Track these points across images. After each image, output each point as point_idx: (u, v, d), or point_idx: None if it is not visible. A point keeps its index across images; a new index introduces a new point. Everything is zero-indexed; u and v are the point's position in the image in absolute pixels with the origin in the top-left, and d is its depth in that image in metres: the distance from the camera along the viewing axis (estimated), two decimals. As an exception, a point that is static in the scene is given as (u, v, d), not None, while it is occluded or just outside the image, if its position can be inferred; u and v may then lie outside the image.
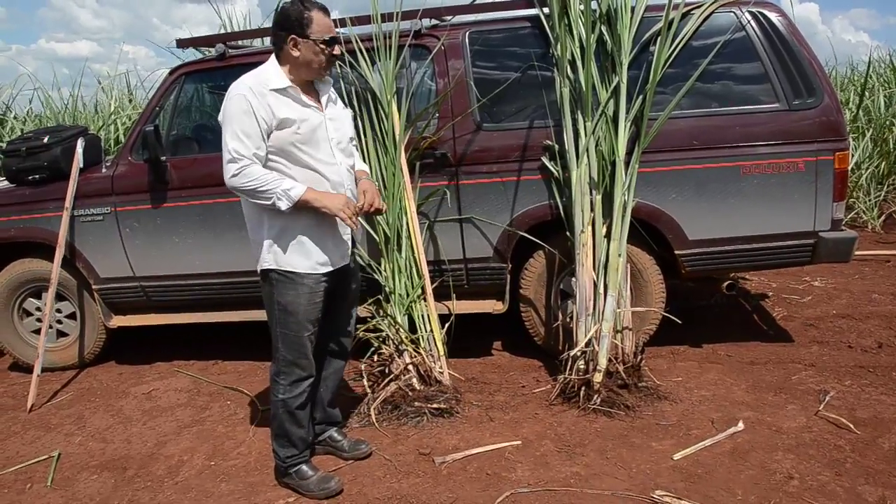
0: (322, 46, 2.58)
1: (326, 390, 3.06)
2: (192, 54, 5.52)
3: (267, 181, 2.50)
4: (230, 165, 2.51)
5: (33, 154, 4.21)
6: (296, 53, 2.58)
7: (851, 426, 3.05)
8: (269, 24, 3.56)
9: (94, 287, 4.27)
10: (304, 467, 2.85)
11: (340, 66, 3.86)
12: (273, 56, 2.66)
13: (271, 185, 2.50)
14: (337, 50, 2.65)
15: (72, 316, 4.46)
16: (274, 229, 2.63)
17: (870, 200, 7.24)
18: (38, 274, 4.30)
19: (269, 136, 2.54)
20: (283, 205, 2.51)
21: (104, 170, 4.20)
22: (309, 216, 2.61)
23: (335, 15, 3.09)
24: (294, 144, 2.56)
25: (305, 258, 2.65)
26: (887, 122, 8.04)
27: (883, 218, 7.11)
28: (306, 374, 2.77)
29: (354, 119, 3.80)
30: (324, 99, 2.72)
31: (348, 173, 2.76)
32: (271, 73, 2.60)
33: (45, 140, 4.22)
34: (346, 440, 3.13)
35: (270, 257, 2.65)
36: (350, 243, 2.83)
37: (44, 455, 3.35)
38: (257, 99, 2.51)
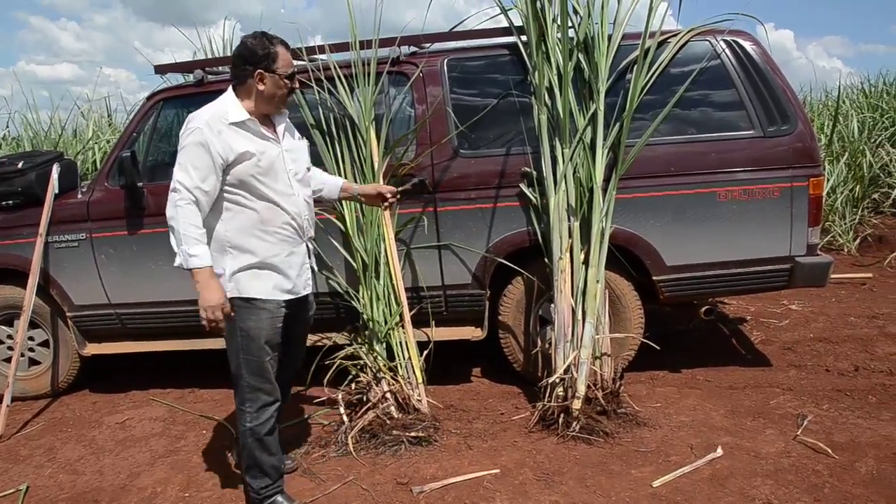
0: (286, 81, 2.65)
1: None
2: (176, 78, 5.52)
3: (185, 231, 2.48)
4: (172, 194, 2.52)
5: (7, 179, 4.16)
6: (261, 87, 2.62)
7: (829, 451, 3.06)
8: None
9: (68, 314, 4.21)
10: (280, 498, 2.81)
11: (319, 92, 3.87)
12: (231, 88, 2.68)
13: (186, 237, 2.49)
14: (296, 83, 2.72)
15: (45, 344, 4.38)
16: (235, 257, 2.63)
17: (845, 224, 7.33)
18: (10, 301, 4.24)
19: (226, 171, 2.56)
20: (177, 261, 2.53)
21: (80, 195, 4.16)
22: (272, 242, 2.66)
23: (316, 41, 3.11)
24: (254, 177, 2.58)
25: (267, 284, 2.67)
26: (861, 147, 8.17)
27: (858, 241, 7.19)
28: (272, 398, 2.75)
29: (333, 145, 3.82)
30: (280, 130, 2.75)
31: (305, 203, 2.79)
32: (229, 106, 2.62)
33: (20, 165, 4.17)
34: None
35: (231, 285, 2.63)
36: (310, 272, 2.88)
37: (11, 489, 3.27)
38: (214, 134, 2.52)
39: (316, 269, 2.99)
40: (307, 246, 2.84)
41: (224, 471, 3.29)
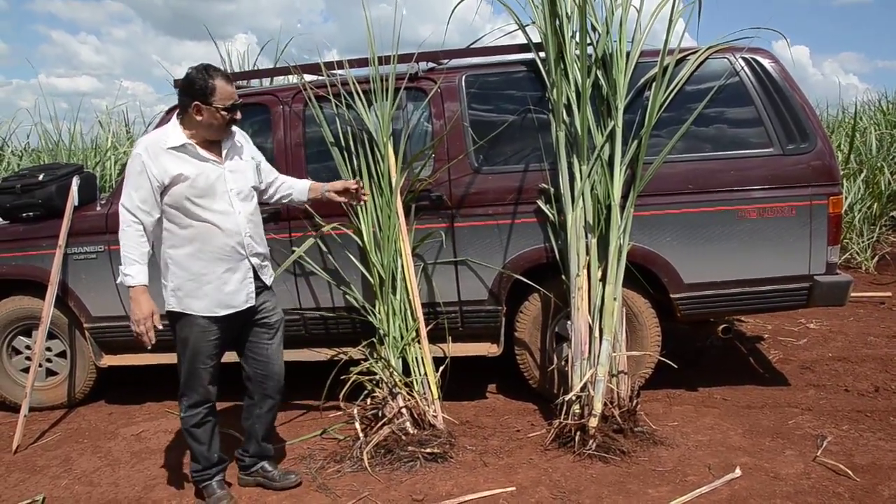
0: (223, 113, 2.79)
1: (261, 426, 3.20)
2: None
3: (125, 251, 2.76)
4: (120, 215, 2.78)
5: (28, 191, 4.21)
6: (199, 118, 2.78)
7: (850, 473, 3.01)
8: (267, 63, 3.62)
9: (85, 326, 4.23)
10: (213, 484, 3.08)
11: (337, 106, 3.89)
12: (176, 115, 2.88)
13: (125, 257, 2.76)
14: (238, 115, 2.87)
15: (62, 355, 4.41)
16: (175, 273, 2.86)
17: (863, 242, 7.27)
18: (28, 312, 4.27)
19: (164, 192, 2.76)
20: (118, 278, 2.81)
21: (99, 208, 4.19)
22: (208, 261, 2.84)
23: (332, 55, 3.15)
24: (188, 198, 2.77)
25: (200, 301, 2.86)
26: (879, 165, 8.12)
27: (876, 259, 7.13)
28: (202, 399, 2.99)
29: (351, 160, 3.84)
30: (225, 151, 2.90)
31: (247, 220, 2.93)
32: (170, 132, 2.81)
33: (41, 177, 4.22)
34: (277, 471, 3.26)
35: (173, 299, 2.88)
36: (254, 286, 2.99)
37: (27, 499, 3.28)
38: (150, 158, 2.74)
39: (268, 283, 3.11)
40: (250, 261, 2.96)
41: (238, 484, 3.28)
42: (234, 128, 2.95)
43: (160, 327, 2.83)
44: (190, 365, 2.93)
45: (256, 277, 3.00)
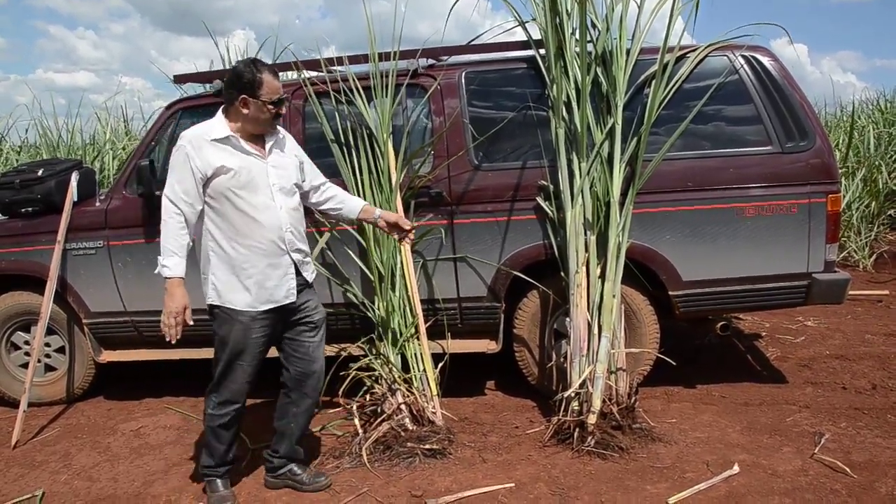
0: (270, 107, 2.79)
1: (297, 426, 3.13)
2: (193, 88, 5.56)
3: (165, 243, 2.75)
4: (163, 206, 2.77)
5: (27, 186, 4.20)
6: (245, 111, 2.78)
7: (847, 470, 3.02)
8: (265, 59, 3.59)
9: (84, 321, 4.23)
10: (218, 482, 3.05)
11: (337, 103, 3.89)
12: (222, 108, 2.86)
13: (164, 248, 2.75)
14: (283, 109, 2.88)
15: (61, 350, 4.41)
16: (216, 266, 2.84)
17: (861, 240, 7.29)
18: (27, 307, 4.27)
19: (206, 184, 2.76)
20: (156, 269, 2.77)
21: (98, 203, 4.19)
22: (250, 254, 2.81)
23: (331, 52, 3.15)
24: (230, 189, 2.75)
25: (243, 295, 2.83)
26: (877, 163, 8.13)
27: (874, 257, 7.15)
28: (234, 399, 2.95)
29: (351, 157, 3.83)
30: (268, 146, 2.89)
31: (288, 216, 2.90)
32: (215, 124, 2.81)
33: (40, 173, 4.21)
34: (306, 474, 3.18)
35: (213, 293, 2.86)
36: (295, 281, 2.94)
37: (27, 494, 3.28)
38: (194, 150, 2.73)
39: (310, 280, 3.07)
40: (291, 257, 2.92)
41: (237, 480, 3.29)
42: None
43: (191, 323, 2.79)
44: (227, 362, 2.88)
45: (298, 274, 2.96)
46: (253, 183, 2.79)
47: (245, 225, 2.79)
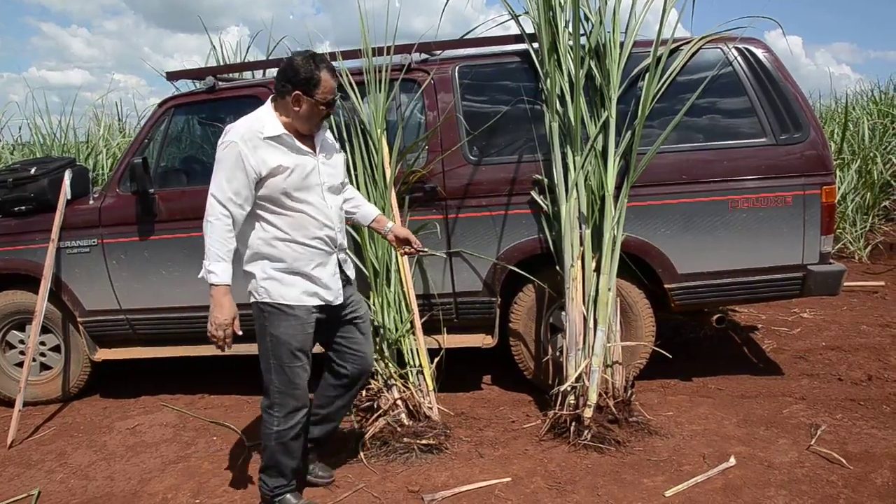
0: (323, 107, 2.66)
1: (338, 418, 3.12)
2: (185, 85, 5.54)
3: (211, 246, 2.57)
4: (209, 205, 2.59)
5: (20, 185, 4.18)
6: (297, 108, 2.63)
7: (843, 461, 3.03)
8: (259, 54, 3.60)
9: (79, 320, 4.22)
10: (290, 497, 2.86)
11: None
12: (270, 101, 2.71)
13: (210, 252, 2.57)
14: (334, 108, 2.74)
15: (56, 349, 4.40)
16: (266, 264, 2.68)
17: (856, 231, 7.29)
18: (22, 306, 4.25)
19: (259, 184, 2.60)
20: (201, 273, 2.61)
21: (91, 201, 4.17)
22: (301, 253, 2.68)
23: (325, 47, 3.13)
24: (286, 190, 2.62)
25: (296, 290, 2.69)
26: (871, 154, 8.13)
27: (869, 249, 7.15)
28: (300, 404, 2.78)
29: (345, 151, 3.81)
30: (318, 144, 2.76)
31: (337, 213, 2.82)
32: (266, 120, 2.64)
33: (33, 171, 4.19)
34: (317, 466, 3.18)
35: (262, 290, 2.69)
36: (341, 282, 2.85)
37: (23, 493, 3.28)
38: (249, 149, 2.56)
39: (351, 276, 2.99)
40: (338, 258, 2.84)
41: (234, 477, 3.29)
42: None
43: (240, 333, 2.64)
44: (285, 366, 2.71)
45: (341, 271, 2.88)
46: (306, 182, 2.67)
47: (297, 224, 2.67)
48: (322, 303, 2.75)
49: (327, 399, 3.05)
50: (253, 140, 2.58)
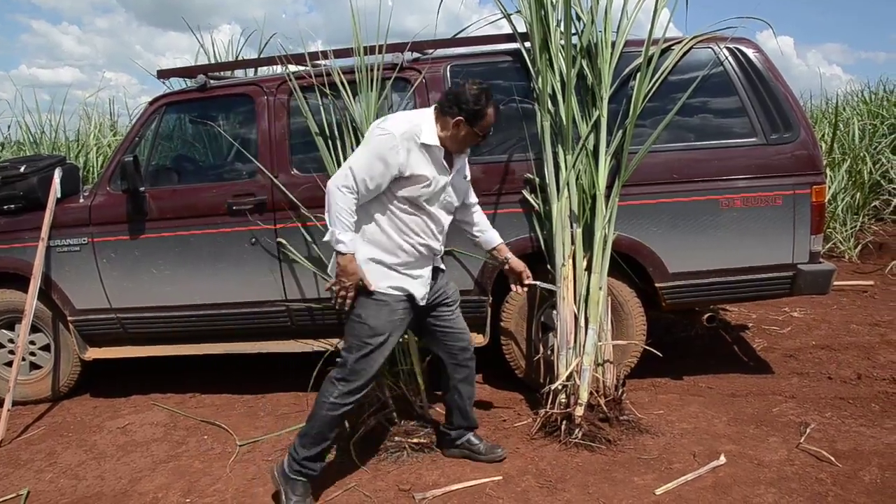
0: (479, 137, 2.85)
1: (461, 398, 3.23)
2: (178, 83, 5.52)
3: (339, 216, 2.69)
4: (343, 175, 2.70)
5: (9, 183, 4.16)
6: (455, 131, 2.78)
7: (832, 459, 3.05)
8: (251, 53, 3.58)
9: (69, 319, 4.20)
10: (302, 486, 2.91)
11: (322, 96, 3.87)
12: (434, 108, 2.85)
13: (339, 221, 2.70)
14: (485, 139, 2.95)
15: (46, 348, 4.38)
16: (371, 251, 2.83)
17: (846, 231, 7.33)
18: (11, 305, 4.23)
19: (396, 181, 2.75)
20: (327, 237, 2.76)
21: (82, 200, 4.15)
22: (409, 252, 2.85)
23: (317, 46, 3.12)
24: (414, 197, 2.79)
25: (392, 281, 2.85)
26: (861, 154, 8.17)
27: (859, 248, 7.19)
28: (364, 386, 2.89)
29: (337, 151, 3.82)
30: (456, 165, 2.92)
31: (444, 230, 2.99)
32: (425, 126, 2.78)
33: (22, 169, 4.17)
34: (483, 444, 3.29)
35: (370, 278, 2.82)
36: (429, 288, 3.00)
37: (11, 493, 3.26)
38: (403, 147, 2.70)
39: (443, 268, 3.14)
40: (433, 264, 3.01)
41: (225, 477, 3.28)
42: None
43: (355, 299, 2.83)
44: (367, 348, 2.83)
45: (433, 269, 3.05)
46: (434, 196, 2.83)
47: (415, 226, 2.83)
48: (411, 293, 2.88)
49: (444, 384, 3.25)
50: (410, 141, 2.72)
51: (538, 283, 3.45)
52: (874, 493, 2.79)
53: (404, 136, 2.70)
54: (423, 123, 2.77)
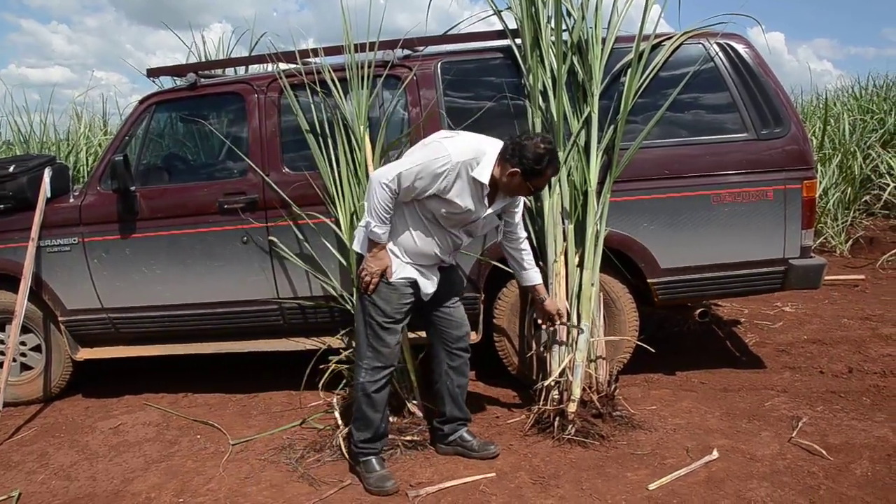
0: (530, 192, 2.94)
1: (452, 384, 3.28)
2: (170, 82, 5.49)
3: (378, 210, 2.81)
4: (389, 171, 2.80)
5: (-1, 183, 4.13)
6: (508, 179, 2.84)
7: (824, 452, 3.06)
8: (242, 51, 3.57)
9: (60, 319, 4.18)
10: (374, 461, 3.07)
11: (313, 94, 3.86)
12: (502, 149, 2.87)
13: (378, 215, 2.82)
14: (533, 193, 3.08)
15: (37, 349, 4.35)
16: (401, 246, 2.98)
17: (837, 226, 7.36)
18: (1, 306, 4.20)
19: (433, 196, 2.83)
20: (363, 220, 2.95)
21: (72, 200, 4.13)
22: (424, 252, 2.98)
23: (308, 44, 3.12)
24: (445, 217, 2.90)
25: (401, 272, 2.98)
26: (852, 150, 8.21)
27: (850, 243, 7.22)
28: (387, 363, 3.05)
29: (328, 148, 3.81)
30: (497, 203, 2.98)
31: (457, 247, 3.11)
32: (486, 161, 2.84)
33: (11, 169, 4.14)
34: (476, 441, 3.29)
35: (391, 269, 2.97)
36: (435, 289, 3.10)
37: (2, 495, 3.24)
38: (454, 174, 2.78)
39: (454, 263, 3.26)
40: (440, 267, 3.13)
41: (218, 476, 3.27)
42: None
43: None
44: (378, 328, 2.99)
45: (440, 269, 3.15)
46: (461, 221, 2.95)
47: (435, 232, 2.96)
48: (416, 278, 3.01)
49: (436, 371, 3.30)
50: (464, 171, 2.79)
51: (567, 324, 3.51)
52: (865, 486, 2.80)
53: (462, 165, 2.78)
54: (484, 157, 2.83)
